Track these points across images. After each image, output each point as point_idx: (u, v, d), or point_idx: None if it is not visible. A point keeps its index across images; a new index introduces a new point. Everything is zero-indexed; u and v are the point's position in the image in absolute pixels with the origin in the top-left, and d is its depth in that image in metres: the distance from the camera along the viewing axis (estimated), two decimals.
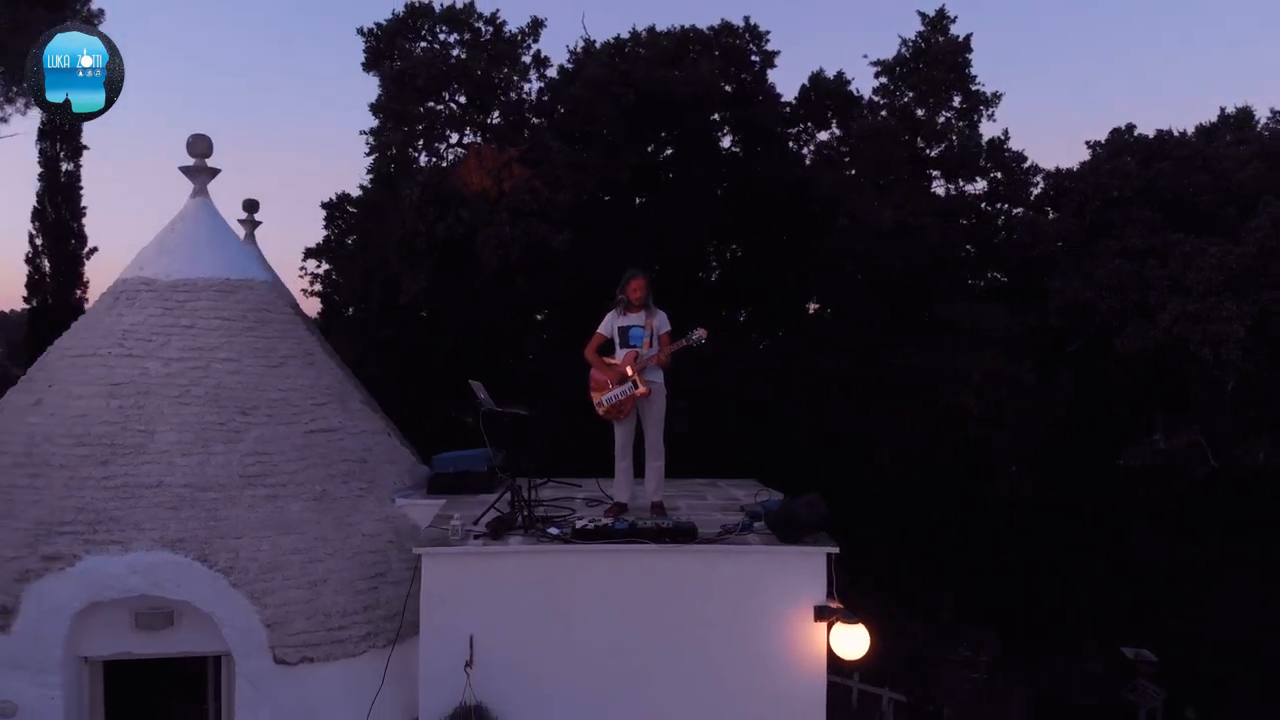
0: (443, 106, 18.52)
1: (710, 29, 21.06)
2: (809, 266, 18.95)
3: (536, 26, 19.19)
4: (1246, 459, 15.09)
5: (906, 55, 19.83)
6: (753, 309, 21.90)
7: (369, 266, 18.43)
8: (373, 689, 6.89)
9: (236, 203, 12.72)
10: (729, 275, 21.17)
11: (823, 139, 21.59)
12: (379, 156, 19.11)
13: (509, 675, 6.55)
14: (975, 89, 19.85)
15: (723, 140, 21.15)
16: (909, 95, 19.86)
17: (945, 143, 19.86)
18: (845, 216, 17.49)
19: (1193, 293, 14.45)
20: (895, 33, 23.01)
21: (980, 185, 20.94)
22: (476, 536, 6.78)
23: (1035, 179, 20.80)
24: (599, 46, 20.01)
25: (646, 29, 20.83)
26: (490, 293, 16.22)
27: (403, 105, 17.71)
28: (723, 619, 6.71)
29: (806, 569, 6.75)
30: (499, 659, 6.54)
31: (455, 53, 18.52)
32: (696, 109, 18.93)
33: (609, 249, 14.61)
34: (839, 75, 21.29)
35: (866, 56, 23.40)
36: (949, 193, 20.70)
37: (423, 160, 18.38)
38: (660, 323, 7.37)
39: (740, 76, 20.97)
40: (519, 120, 18.74)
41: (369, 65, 18.85)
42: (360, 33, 19.15)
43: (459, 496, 8.24)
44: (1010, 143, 20.57)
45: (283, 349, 8.53)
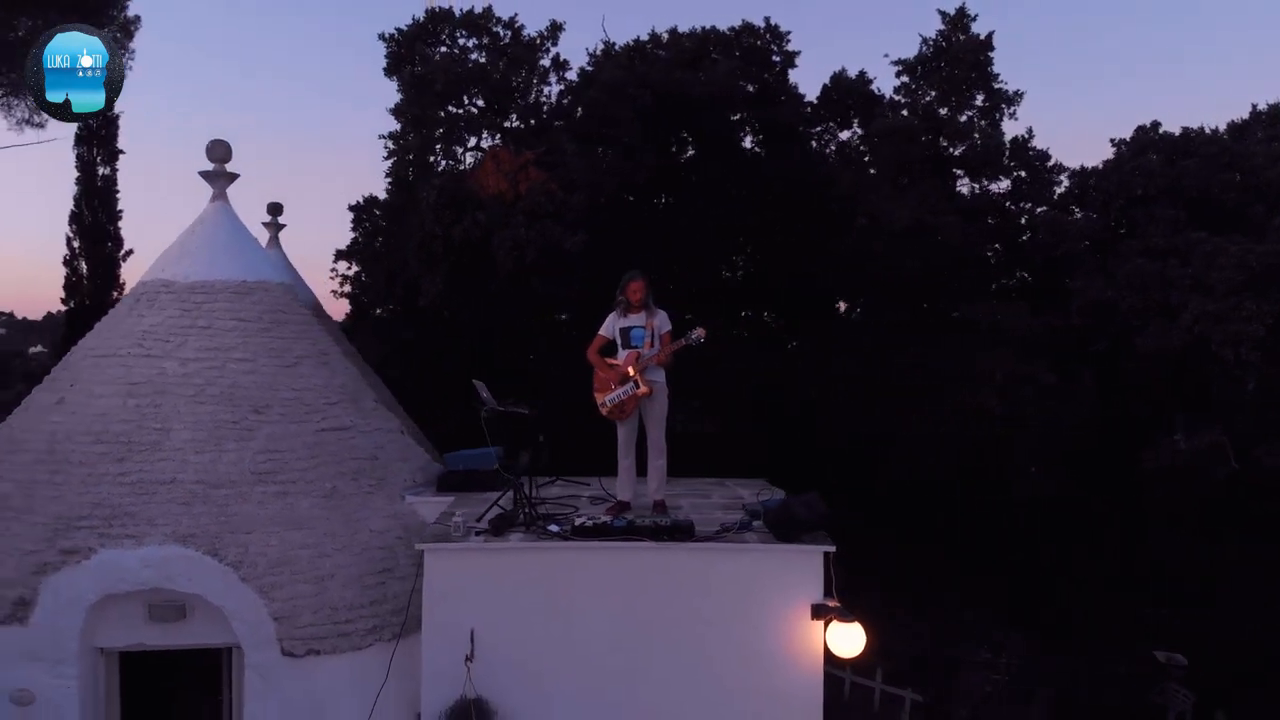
0: (461, 110, 18.73)
1: (731, 30, 21.13)
2: (828, 267, 18.91)
3: (555, 30, 19.35)
4: (1268, 460, 14.87)
5: (928, 54, 19.72)
6: (771, 310, 21.89)
7: (392, 269, 18.71)
8: (378, 682, 7.03)
9: (281, 204, 13.01)
10: (748, 276, 21.18)
11: (844, 139, 21.57)
12: (397, 160, 19.38)
13: (509, 670, 6.66)
14: (998, 87, 19.72)
15: (744, 141, 21.17)
16: (931, 94, 19.76)
17: (967, 142, 19.73)
18: (863, 216, 17.44)
19: (1215, 292, 14.27)
20: (916, 32, 22.87)
21: (1004, 184, 20.80)
22: (478, 533, 6.90)
23: (1059, 178, 20.63)
24: (619, 49, 20.11)
25: (668, 30, 21.02)
26: (506, 294, 16.40)
27: (421, 109, 17.93)
28: (720, 616, 6.78)
29: (804, 567, 6.80)
30: (500, 654, 6.66)
31: (474, 57, 18.74)
32: (715, 110, 18.96)
33: (624, 251, 14.72)
34: (861, 74, 21.28)
35: (887, 56, 23.37)
36: (974, 192, 20.59)
37: (441, 164, 18.62)
38: (661, 323, 7.46)
39: (763, 77, 20.99)
40: (537, 124, 18.89)
41: (390, 70, 19.13)
42: (381, 38, 19.47)
43: (468, 494, 8.38)
44: (1034, 141, 20.46)
45: (297, 349, 8.71)
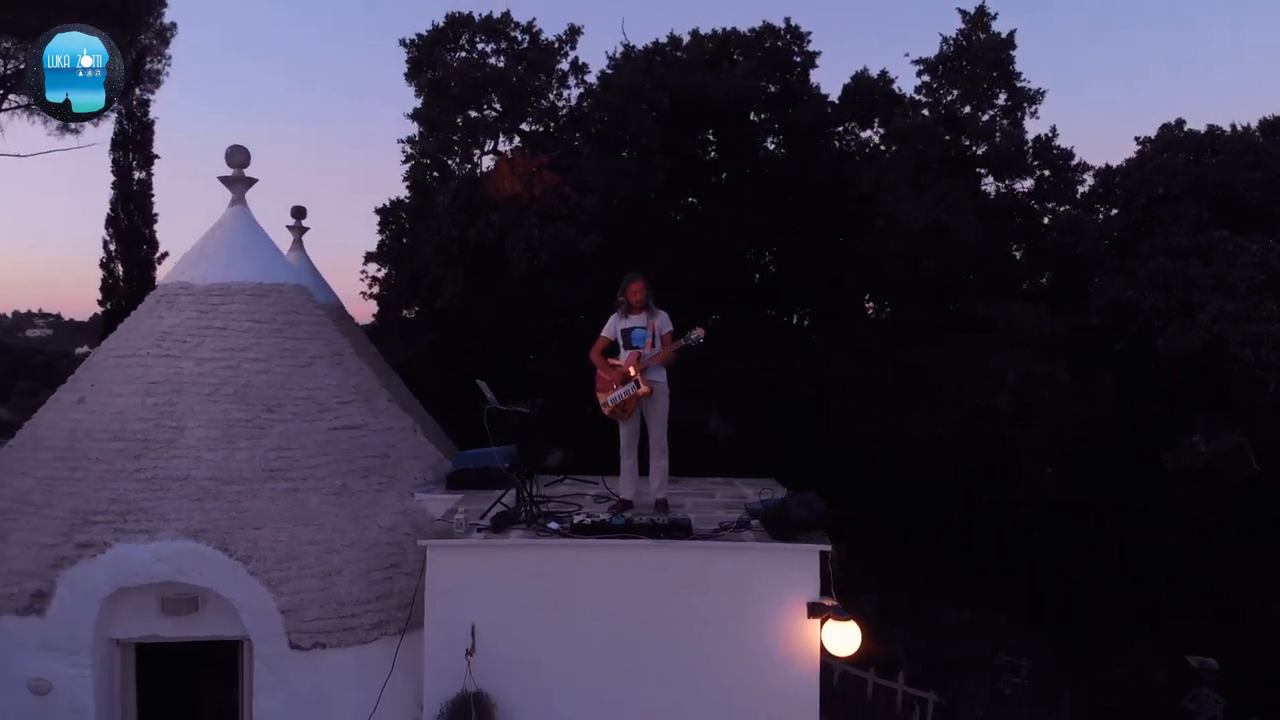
0: (478, 115, 18.92)
1: (751, 31, 21.11)
2: (845, 267, 18.84)
3: (574, 34, 19.48)
4: None
5: (949, 53, 19.58)
6: (788, 310, 21.84)
7: (414, 271, 18.98)
8: (383, 675, 7.17)
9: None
10: (765, 277, 21.16)
11: (865, 138, 21.48)
12: (415, 164, 19.63)
13: (509, 664, 6.78)
14: (1020, 86, 19.53)
15: (764, 142, 21.15)
16: (953, 93, 19.61)
17: (990, 141, 19.56)
18: (881, 216, 17.38)
19: (1235, 292, 14.05)
20: (937, 31, 22.69)
21: (1028, 184, 20.60)
22: (479, 530, 7.03)
23: (1083, 177, 20.37)
24: (638, 52, 20.20)
25: (690, 32, 21.06)
26: (520, 296, 16.57)
27: (438, 114, 18.15)
28: (717, 614, 6.85)
29: (801, 566, 6.84)
30: (500, 648, 6.78)
31: (492, 61, 18.92)
32: (733, 111, 18.97)
33: (639, 253, 14.81)
34: (883, 74, 21.16)
35: (908, 55, 23.18)
36: (998, 191, 20.43)
37: (458, 168, 18.80)
38: (662, 323, 7.56)
39: (784, 78, 20.95)
40: (554, 127, 19.04)
41: (410, 75, 19.37)
42: (402, 43, 19.72)
43: (476, 492, 8.51)
44: (1058, 140, 20.23)
45: (311, 350, 8.90)
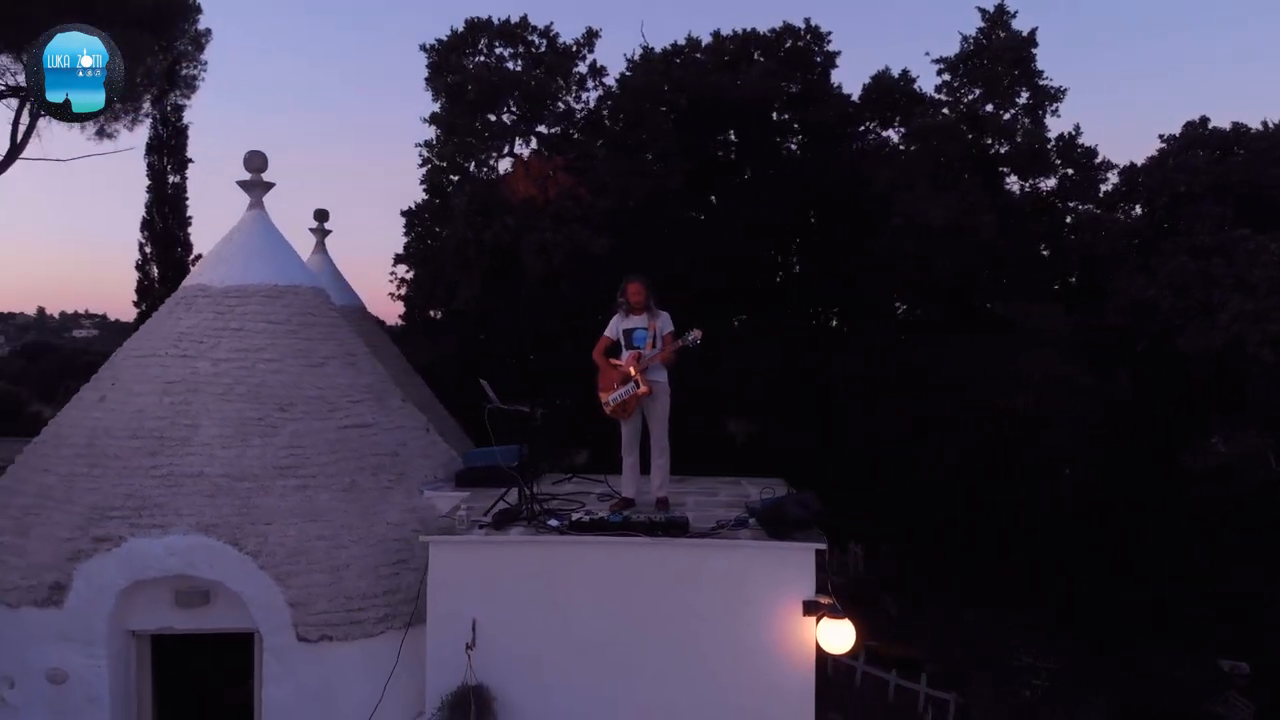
0: (495, 119, 19.09)
1: (771, 31, 21.13)
2: (862, 267, 18.80)
3: (591, 37, 19.54)
4: None
5: (969, 51, 19.49)
6: (805, 310, 21.82)
7: (434, 272, 19.22)
8: (389, 668, 7.33)
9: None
10: (783, 277, 21.17)
11: (887, 137, 21.42)
12: (432, 167, 19.86)
13: (509, 658, 6.90)
14: (1043, 84, 19.38)
15: (783, 142, 21.16)
16: (976, 92, 19.51)
17: (1011, 139, 19.43)
18: (899, 215, 17.34)
19: (1256, 291, 13.84)
20: (957, 30, 22.44)
21: (1051, 182, 20.43)
22: (481, 526, 7.16)
23: (1107, 175, 20.16)
24: (657, 54, 20.27)
25: (712, 33, 21.10)
26: (535, 298, 16.73)
27: (455, 118, 18.35)
28: (713, 611, 6.92)
29: (797, 564, 6.90)
30: (500, 643, 6.90)
31: (509, 65, 19.08)
32: (751, 112, 19.00)
33: (653, 254, 14.91)
34: (904, 73, 21.11)
35: (929, 54, 22.97)
36: (1023, 190, 20.29)
37: (474, 171, 18.98)
38: (663, 324, 7.66)
39: (805, 78, 20.95)
40: (569, 130, 19.16)
41: (431, 80, 19.58)
42: (422, 49, 19.91)
43: (484, 489, 8.65)
44: (1081, 138, 20.05)
45: (324, 350, 9.09)
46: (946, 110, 19.49)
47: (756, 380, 17.13)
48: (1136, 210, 18.39)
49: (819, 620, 6.82)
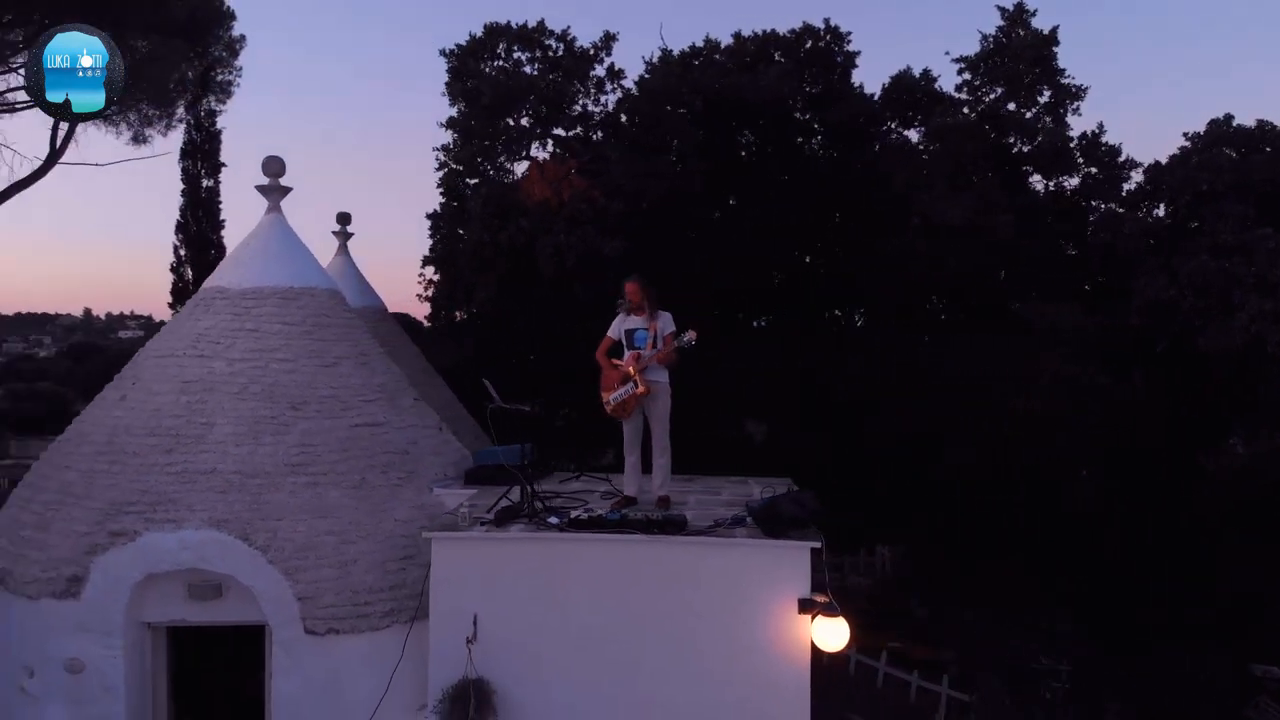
0: (512, 123, 19.28)
1: (791, 32, 21.14)
2: (878, 266, 18.77)
3: (609, 40, 19.72)
4: None
5: (989, 50, 19.39)
6: (819, 311, 21.81)
7: (454, 275, 19.48)
8: (394, 661, 7.50)
9: (350, 214, 13.78)
10: (797, 278, 21.16)
11: (909, 137, 21.36)
12: (449, 171, 20.12)
13: (509, 652, 7.04)
14: (1064, 82, 19.24)
15: (803, 143, 21.16)
16: (998, 90, 19.40)
17: (1033, 138, 19.30)
18: (916, 215, 17.30)
19: (1277, 291, 13.65)
20: (976, 29, 22.27)
21: (1074, 181, 20.25)
22: (482, 523, 7.31)
23: (1130, 174, 19.95)
24: (676, 56, 20.37)
25: (733, 34, 21.17)
26: (549, 300, 16.89)
27: (472, 122, 18.57)
28: (710, 608, 7.01)
29: (792, 563, 6.97)
30: (500, 637, 7.04)
31: (526, 70, 19.28)
32: (770, 113, 19.03)
33: (669, 256, 15.00)
34: (925, 73, 21.03)
35: (949, 53, 22.81)
36: (1047, 189, 20.15)
37: (489, 174, 19.20)
38: (664, 324, 7.77)
39: (827, 79, 20.95)
40: (586, 133, 19.30)
41: (451, 85, 19.82)
42: (442, 53, 20.20)
43: (492, 487, 8.79)
44: (1105, 136, 19.83)
45: (337, 350, 9.29)
46: (967, 110, 19.40)
47: (773, 382, 17.18)
48: (1160, 210, 18.20)
49: (814, 618, 6.89)
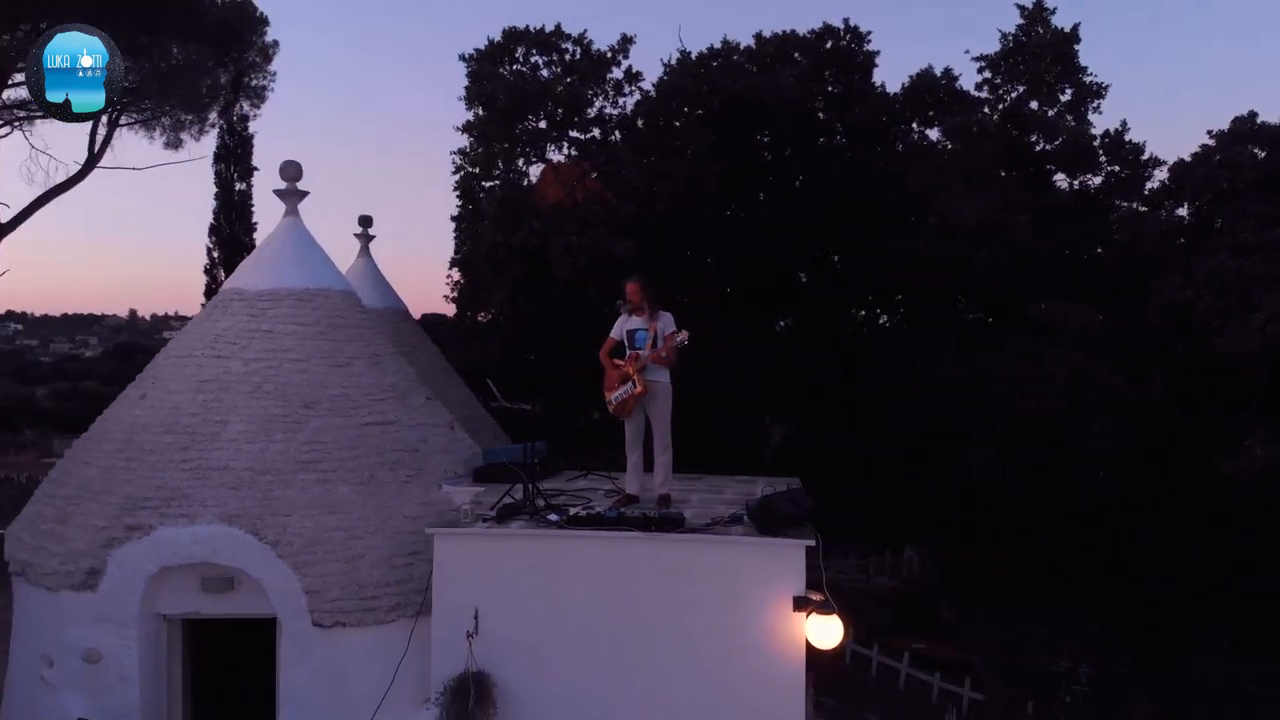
0: (528, 126, 19.42)
1: (811, 32, 21.09)
2: (890, 265, 18.71)
3: (625, 44, 19.76)
4: None
5: (1009, 48, 19.24)
6: (832, 311, 21.76)
7: (473, 277, 19.69)
8: (400, 654, 7.67)
9: (371, 217, 14.02)
10: (811, 280, 21.13)
11: (929, 136, 21.25)
12: (464, 174, 20.32)
13: (510, 646, 7.19)
14: (1087, 80, 19.04)
15: (821, 142, 21.11)
16: (1020, 89, 19.25)
17: (1054, 136, 19.12)
18: (934, 215, 17.23)
19: None
20: (996, 27, 22.05)
21: (1096, 180, 20.03)
22: (484, 520, 7.46)
23: (1153, 172, 19.70)
24: (694, 58, 20.41)
25: (754, 35, 21.16)
26: (562, 301, 17.04)
27: (488, 126, 18.77)
28: (705, 604, 7.12)
29: (786, 561, 7.06)
30: (501, 631, 7.20)
31: (543, 74, 19.43)
32: (787, 113, 19.02)
33: (680, 256, 15.09)
34: (946, 71, 20.91)
35: (969, 52, 22.64)
36: (1070, 188, 19.95)
37: (504, 176, 19.38)
38: (665, 325, 7.87)
39: (850, 78, 20.90)
40: (605, 135, 19.41)
41: (468, 88, 20.01)
42: (461, 58, 20.38)
43: (500, 484, 8.93)
44: (1129, 134, 19.61)
45: (350, 350, 9.49)
46: (988, 109, 19.28)
47: (793, 383, 17.21)
48: (1183, 209, 17.97)
49: (809, 615, 6.96)
